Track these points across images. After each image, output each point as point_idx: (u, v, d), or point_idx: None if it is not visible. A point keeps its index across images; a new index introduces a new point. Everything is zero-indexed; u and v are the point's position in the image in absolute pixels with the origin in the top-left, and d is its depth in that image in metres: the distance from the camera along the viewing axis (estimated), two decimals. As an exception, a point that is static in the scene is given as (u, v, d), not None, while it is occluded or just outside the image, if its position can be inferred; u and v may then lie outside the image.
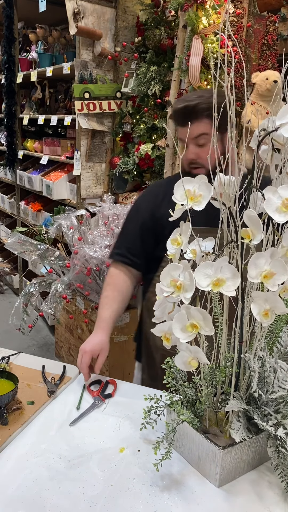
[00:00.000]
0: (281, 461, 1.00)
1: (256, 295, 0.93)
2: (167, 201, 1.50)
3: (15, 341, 3.38)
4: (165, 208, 1.50)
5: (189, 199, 0.95)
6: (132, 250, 1.57)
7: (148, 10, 2.76)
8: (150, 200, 1.56)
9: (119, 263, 1.58)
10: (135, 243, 1.57)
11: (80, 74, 2.89)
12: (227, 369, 1.05)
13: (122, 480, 1.04)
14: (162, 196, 1.53)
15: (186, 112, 1.36)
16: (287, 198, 0.87)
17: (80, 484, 1.02)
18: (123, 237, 1.61)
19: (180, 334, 0.95)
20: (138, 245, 1.56)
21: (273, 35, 2.73)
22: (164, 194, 1.53)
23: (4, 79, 3.91)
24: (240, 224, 0.93)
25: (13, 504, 0.97)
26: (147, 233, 1.54)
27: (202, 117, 1.35)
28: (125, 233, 1.62)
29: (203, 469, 1.05)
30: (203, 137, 1.37)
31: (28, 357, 1.55)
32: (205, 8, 2.35)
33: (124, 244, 1.60)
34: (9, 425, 1.19)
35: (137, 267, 1.58)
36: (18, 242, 3.08)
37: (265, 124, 0.96)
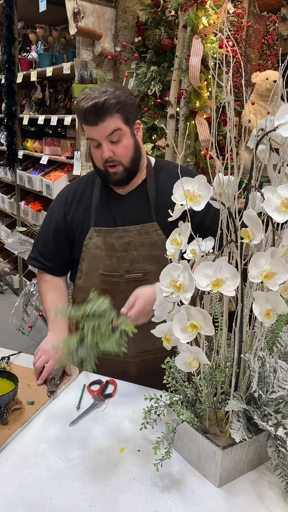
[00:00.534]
0: (281, 461, 1.00)
1: (257, 295, 0.93)
2: (76, 204, 1.52)
3: (15, 341, 3.38)
4: (74, 212, 1.51)
5: (189, 199, 0.95)
6: (45, 254, 1.58)
7: (148, 10, 2.76)
8: (62, 202, 1.55)
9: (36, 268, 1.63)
10: (48, 247, 1.57)
11: (80, 74, 2.89)
12: (227, 369, 1.05)
13: (122, 480, 1.04)
14: (71, 199, 1.54)
15: (97, 110, 1.31)
16: (286, 198, 0.87)
17: (80, 484, 1.02)
18: (36, 241, 1.63)
19: (180, 335, 0.95)
20: (52, 249, 1.57)
21: (273, 35, 2.73)
22: (73, 196, 1.54)
23: (4, 79, 3.91)
24: (240, 224, 0.93)
25: (13, 504, 0.97)
26: (60, 236, 1.54)
27: (113, 113, 1.33)
28: (38, 237, 1.63)
29: (203, 469, 1.05)
30: (116, 133, 1.35)
31: (28, 357, 1.55)
32: (205, 8, 2.35)
33: (37, 248, 1.61)
34: (9, 425, 1.19)
35: (50, 271, 1.60)
36: (18, 242, 3.08)
37: (263, 124, 0.96)
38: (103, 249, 1.47)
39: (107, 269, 1.48)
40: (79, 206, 1.51)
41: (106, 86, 1.35)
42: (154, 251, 1.45)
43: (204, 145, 2.42)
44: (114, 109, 1.32)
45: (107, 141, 1.36)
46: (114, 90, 1.33)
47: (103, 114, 1.32)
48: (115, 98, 1.31)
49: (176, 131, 2.53)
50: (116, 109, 1.32)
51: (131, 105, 1.38)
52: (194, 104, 2.41)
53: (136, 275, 1.46)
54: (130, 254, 1.45)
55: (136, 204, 1.48)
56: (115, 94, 1.32)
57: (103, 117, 1.32)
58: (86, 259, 1.51)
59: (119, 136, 1.36)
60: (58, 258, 1.57)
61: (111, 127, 1.34)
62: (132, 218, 1.46)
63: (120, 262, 1.46)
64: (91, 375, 1.46)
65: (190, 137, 2.46)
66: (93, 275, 1.51)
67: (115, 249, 1.46)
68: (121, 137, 1.36)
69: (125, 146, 1.38)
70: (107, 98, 1.30)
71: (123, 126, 1.35)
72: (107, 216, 1.48)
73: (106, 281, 1.49)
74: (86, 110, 1.32)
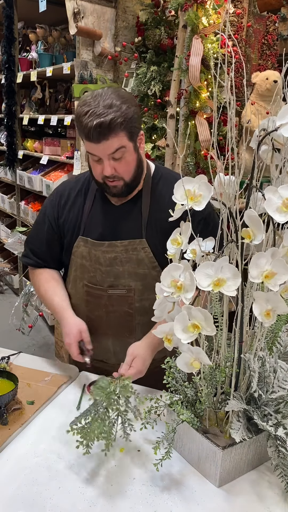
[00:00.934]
0: (281, 461, 1.00)
1: (257, 295, 0.93)
2: (69, 207, 1.46)
3: (15, 341, 3.38)
4: (66, 215, 1.46)
5: (189, 199, 0.95)
6: (37, 252, 1.55)
7: (148, 10, 2.76)
8: (55, 203, 1.49)
9: (29, 265, 1.59)
10: (40, 247, 1.53)
11: (80, 74, 2.89)
12: (227, 369, 1.05)
13: (122, 480, 1.04)
14: (64, 200, 1.48)
15: (102, 130, 1.20)
16: (287, 198, 0.87)
17: (80, 484, 1.02)
18: (29, 238, 1.58)
19: (181, 335, 0.95)
20: (44, 250, 1.53)
21: (273, 35, 2.73)
22: (68, 198, 1.48)
23: (4, 79, 3.91)
24: (240, 224, 0.93)
25: (13, 504, 0.97)
26: (53, 237, 1.50)
27: (118, 131, 1.22)
28: (31, 234, 1.58)
29: (203, 469, 1.05)
30: (120, 151, 1.26)
31: (28, 357, 1.55)
32: (205, 8, 2.35)
33: (29, 245, 1.57)
34: (9, 425, 1.19)
35: (43, 267, 1.57)
36: (18, 242, 3.08)
37: (265, 124, 0.96)
38: (88, 260, 1.44)
39: (91, 281, 1.45)
40: (71, 210, 1.47)
41: (110, 97, 1.22)
42: (139, 268, 1.41)
43: (204, 145, 2.42)
44: (119, 127, 1.22)
45: (109, 158, 1.27)
46: (121, 104, 1.22)
47: (107, 134, 1.21)
48: (121, 116, 1.21)
49: (176, 131, 2.53)
50: (122, 128, 1.23)
51: (136, 118, 1.27)
52: (194, 104, 2.41)
53: (120, 291, 1.43)
54: (115, 269, 1.41)
55: (127, 218, 1.42)
56: (121, 110, 1.21)
57: (107, 136, 1.22)
58: (73, 266, 1.49)
59: (122, 153, 1.27)
60: (51, 256, 1.54)
61: (115, 145, 1.24)
62: (121, 232, 1.42)
63: (104, 277, 1.43)
64: (91, 375, 1.46)
65: (190, 137, 2.46)
66: (78, 283, 1.49)
67: (100, 263, 1.42)
68: (124, 154, 1.28)
69: (127, 162, 1.30)
70: (114, 118, 1.20)
71: (127, 143, 1.27)
72: (96, 227, 1.44)
73: (90, 293, 1.47)
74: (90, 129, 1.20)
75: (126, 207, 1.43)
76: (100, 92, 1.25)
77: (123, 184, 1.34)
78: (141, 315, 1.44)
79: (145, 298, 1.42)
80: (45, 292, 1.51)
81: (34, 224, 1.58)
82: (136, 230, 1.41)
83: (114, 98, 1.22)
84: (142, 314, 1.44)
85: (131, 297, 1.43)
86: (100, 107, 1.20)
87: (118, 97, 1.23)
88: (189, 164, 2.47)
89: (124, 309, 1.44)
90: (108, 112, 1.20)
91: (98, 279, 1.44)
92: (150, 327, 1.38)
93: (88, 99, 1.24)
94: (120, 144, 1.25)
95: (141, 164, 1.37)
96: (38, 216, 1.56)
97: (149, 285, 1.39)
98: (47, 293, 1.51)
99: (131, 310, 1.44)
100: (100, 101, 1.21)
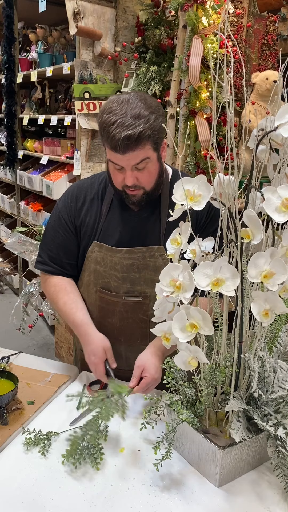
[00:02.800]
0: (281, 461, 1.00)
1: (256, 295, 0.93)
2: (86, 210, 1.40)
3: (15, 341, 3.38)
4: (83, 217, 1.41)
5: (189, 199, 0.95)
6: (55, 260, 1.47)
7: (148, 10, 2.76)
8: (71, 205, 1.43)
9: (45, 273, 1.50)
10: (59, 253, 1.46)
11: (80, 74, 2.89)
12: (227, 369, 1.05)
13: (122, 480, 1.04)
14: (81, 203, 1.43)
15: (130, 142, 1.17)
16: (286, 198, 0.87)
17: (80, 484, 1.03)
18: (45, 244, 1.50)
19: (179, 334, 0.95)
20: (62, 255, 1.46)
21: (273, 35, 2.73)
22: (84, 200, 1.43)
23: (4, 79, 3.91)
24: (240, 224, 0.93)
25: (13, 504, 0.97)
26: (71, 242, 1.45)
27: (145, 143, 1.20)
28: (47, 241, 1.49)
29: (203, 469, 1.05)
30: (144, 162, 1.23)
31: (28, 357, 1.55)
32: (205, 8, 2.34)
33: (45, 251, 1.49)
34: (9, 425, 1.19)
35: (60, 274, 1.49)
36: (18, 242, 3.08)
37: (263, 124, 0.96)
38: (103, 266, 1.41)
39: (105, 287, 1.42)
40: (88, 214, 1.42)
41: (138, 106, 1.18)
42: (156, 275, 1.34)
43: (204, 145, 2.42)
44: (148, 140, 1.19)
45: (132, 168, 1.25)
46: (149, 115, 1.18)
47: (135, 146, 1.18)
48: (150, 128, 1.17)
49: (176, 131, 2.53)
50: (149, 139, 1.20)
51: (162, 129, 1.22)
52: (194, 104, 2.41)
53: (135, 297, 1.40)
54: (132, 276, 1.39)
55: (145, 224, 1.40)
56: (150, 122, 1.17)
57: (134, 148, 1.19)
58: (87, 271, 1.45)
59: (146, 163, 1.24)
60: (69, 262, 1.47)
61: (141, 157, 1.22)
62: (139, 239, 1.39)
63: (120, 283, 1.40)
64: (91, 375, 1.46)
65: (190, 137, 2.46)
66: (92, 289, 1.46)
67: (117, 269, 1.39)
68: (147, 164, 1.25)
69: (150, 172, 1.28)
70: (142, 131, 1.16)
71: (151, 154, 1.24)
72: (113, 233, 1.40)
73: (104, 299, 1.43)
74: (118, 140, 1.16)
75: (145, 213, 1.39)
76: (127, 98, 1.20)
77: (143, 193, 1.31)
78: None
79: None
80: (64, 304, 1.43)
81: (47, 230, 1.50)
82: (154, 237, 1.39)
83: (143, 108, 1.18)
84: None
85: (147, 304, 1.40)
86: (128, 117, 1.16)
87: (146, 107, 1.19)
88: (189, 164, 2.47)
89: (139, 316, 1.42)
90: (137, 124, 1.16)
91: (113, 285, 1.41)
92: None
93: (115, 106, 1.19)
94: (146, 156, 1.23)
95: (163, 173, 1.35)
96: (51, 221, 1.49)
97: None
98: (66, 306, 1.43)
99: (146, 317, 1.41)
100: (127, 110, 1.17)
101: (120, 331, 1.45)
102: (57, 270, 1.48)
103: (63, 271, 1.48)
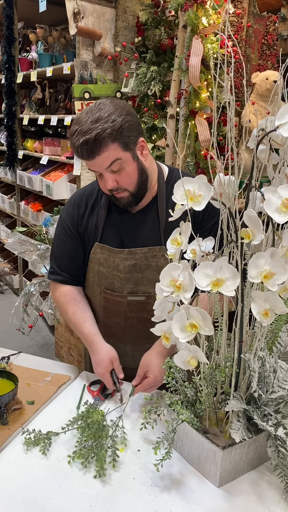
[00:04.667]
0: (281, 461, 1.00)
1: (256, 295, 0.93)
2: (87, 216, 1.43)
3: (15, 341, 3.38)
4: (85, 224, 1.44)
5: (189, 199, 0.95)
6: (64, 269, 1.50)
7: (148, 10, 2.76)
8: (73, 215, 1.46)
9: (56, 282, 1.52)
10: (67, 263, 1.49)
11: (80, 74, 2.89)
12: (227, 369, 1.05)
13: (122, 480, 1.04)
14: (83, 210, 1.46)
15: (89, 148, 1.20)
16: (287, 198, 0.87)
17: (80, 484, 1.03)
18: (54, 255, 1.53)
19: (179, 334, 0.95)
20: (71, 265, 1.49)
21: (273, 35, 2.73)
22: (85, 207, 1.46)
23: (4, 79, 3.91)
24: (240, 224, 0.93)
25: (13, 504, 0.97)
26: (78, 250, 1.47)
27: (108, 144, 1.21)
28: (55, 252, 1.53)
29: (203, 469, 1.05)
30: (116, 163, 1.25)
31: (28, 357, 1.55)
32: (205, 8, 2.34)
33: (56, 261, 1.52)
34: (9, 425, 1.19)
35: (72, 283, 1.51)
36: (18, 242, 3.08)
37: (263, 124, 0.96)
38: (106, 267, 1.43)
39: (109, 288, 1.44)
40: (90, 219, 1.45)
41: (99, 110, 1.22)
42: (159, 275, 1.40)
43: (204, 145, 2.42)
44: (108, 140, 1.21)
45: (108, 171, 1.27)
46: (108, 116, 1.20)
47: (97, 149, 1.21)
48: (108, 128, 1.20)
49: (176, 131, 2.53)
50: (111, 140, 1.21)
51: (129, 127, 1.25)
52: (194, 104, 2.41)
53: (139, 297, 1.42)
54: (135, 276, 1.41)
55: (145, 225, 1.41)
56: (108, 123, 1.20)
57: (97, 152, 1.22)
58: (91, 273, 1.48)
59: (120, 165, 1.26)
60: (77, 269, 1.50)
61: (109, 159, 1.24)
62: (140, 240, 1.41)
63: (123, 283, 1.42)
64: (91, 375, 1.46)
65: (190, 137, 2.46)
66: (96, 289, 1.48)
67: (119, 270, 1.41)
68: (122, 165, 1.26)
69: (128, 173, 1.29)
70: (98, 132, 1.19)
71: (122, 154, 1.25)
72: (114, 234, 1.42)
73: (108, 300, 1.46)
74: (78, 147, 1.22)
75: (143, 214, 1.42)
76: (92, 106, 1.25)
77: (129, 195, 1.33)
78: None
79: None
80: (73, 314, 1.46)
81: (54, 240, 1.53)
82: (154, 237, 1.40)
83: (103, 110, 1.22)
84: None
85: (151, 303, 1.39)
86: (88, 123, 1.20)
87: (108, 109, 1.22)
88: (189, 164, 2.47)
89: (143, 316, 1.43)
90: (94, 128, 1.19)
91: (116, 285, 1.43)
92: None
93: (82, 115, 1.24)
94: (115, 157, 1.24)
95: (144, 172, 1.34)
96: (56, 231, 1.52)
97: None
98: (76, 316, 1.45)
99: (150, 316, 1.41)
100: (89, 117, 1.21)
101: (125, 330, 1.47)
102: (67, 279, 1.51)
103: (73, 279, 1.51)
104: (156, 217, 1.41)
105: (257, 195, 0.97)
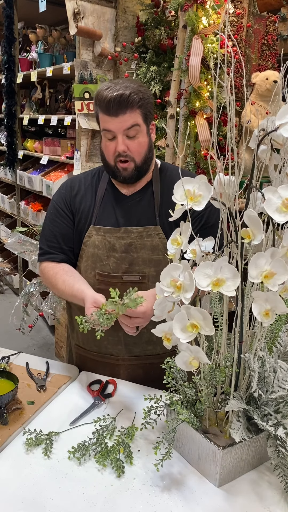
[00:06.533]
0: (280, 461, 1.00)
1: (256, 295, 0.93)
2: (80, 198, 1.48)
3: (15, 341, 3.38)
4: (78, 205, 1.48)
5: (189, 199, 0.95)
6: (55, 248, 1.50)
7: (148, 10, 2.76)
8: (67, 195, 1.50)
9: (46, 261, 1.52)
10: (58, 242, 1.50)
11: (80, 74, 2.89)
12: (227, 369, 1.05)
13: (122, 480, 1.04)
14: (75, 192, 1.50)
15: (121, 101, 1.30)
16: (287, 198, 0.87)
17: (80, 484, 1.02)
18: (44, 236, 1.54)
19: (180, 334, 0.95)
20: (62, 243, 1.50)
21: (273, 35, 2.73)
22: (78, 189, 1.50)
23: (4, 79, 3.91)
24: (240, 224, 0.93)
25: (13, 504, 0.97)
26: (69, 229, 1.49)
27: (135, 108, 1.32)
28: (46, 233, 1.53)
29: (203, 469, 1.05)
30: (134, 129, 1.34)
31: (28, 357, 1.55)
32: (205, 8, 2.35)
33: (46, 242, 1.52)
34: (9, 425, 1.19)
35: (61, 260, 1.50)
36: (18, 242, 3.08)
37: (264, 124, 0.96)
38: (101, 249, 1.45)
39: (104, 269, 1.45)
40: (83, 201, 1.48)
41: (127, 81, 1.35)
42: (154, 255, 1.43)
43: (204, 145, 2.42)
44: (137, 104, 1.32)
45: (123, 134, 1.34)
46: (138, 87, 1.33)
47: (125, 107, 1.31)
48: (139, 93, 1.32)
49: (176, 131, 2.53)
50: (139, 105, 1.32)
51: (151, 104, 1.38)
52: (194, 104, 2.41)
53: (134, 277, 1.43)
54: (130, 256, 1.43)
55: (140, 206, 1.46)
56: (139, 89, 1.32)
57: (125, 110, 1.31)
58: (84, 257, 1.48)
59: (136, 131, 1.34)
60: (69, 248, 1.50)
61: (131, 121, 1.32)
62: (135, 220, 1.44)
63: (119, 263, 1.43)
64: (91, 375, 1.46)
65: (190, 137, 2.46)
66: (90, 273, 1.48)
67: (115, 250, 1.43)
68: (138, 133, 1.35)
69: (140, 143, 1.37)
70: (132, 93, 1.30)
71: (141, 123, 1.35)
72: (110, 215, 1.46)
73: (102, 282, 1.46)
74: (110, 100, 1.29)
75: (137, 196, 1.47)
76: (117, 80, 1.38)
77: (134, 166, 1.38)
78: None
79: None
80: (63, 282, 1.44)
81: (45, 224, 1.55)
82: (150, 217, 1.45)
83: (132, 82, 1.35)
84: None
85: (145, 283, 1.43)
86: (119, 85, 1.32)
87: (136, 83, 1.36)
88: (189, 164, 2.47)
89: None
90: (127, 89, 1.31)
91: (111, 266, 1.44)
92: None
93: (107, 83, 1.35)
94: (136, 121, 1.33)
95: (152, 150, 1.43)
96: (47, 215, 1.54)
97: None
98: (66, 283, 1.43)
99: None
100: (119, 83, 1.33)
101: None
102: (57, 257, 1.51)
103: (63, 258, 1.51)
104: (151, 199, 1.46)
105: (257, 195, 0.97)
